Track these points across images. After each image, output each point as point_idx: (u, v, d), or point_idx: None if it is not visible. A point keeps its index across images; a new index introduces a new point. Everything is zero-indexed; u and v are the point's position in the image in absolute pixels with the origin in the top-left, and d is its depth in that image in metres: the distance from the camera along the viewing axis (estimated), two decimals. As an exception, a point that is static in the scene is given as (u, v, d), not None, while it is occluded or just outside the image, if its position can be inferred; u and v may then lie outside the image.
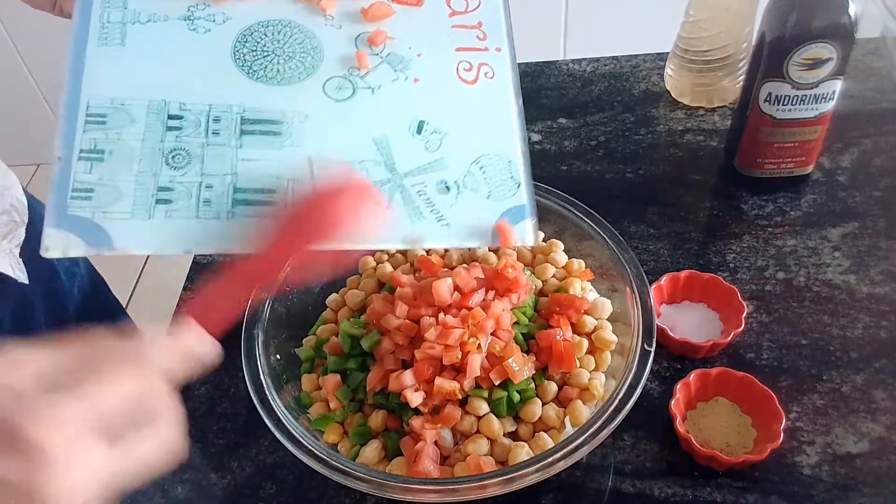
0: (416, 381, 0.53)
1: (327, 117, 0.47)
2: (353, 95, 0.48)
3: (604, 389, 0.55)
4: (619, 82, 0.92)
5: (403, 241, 0.46)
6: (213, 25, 0.49)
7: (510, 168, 0.48)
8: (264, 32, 0.49)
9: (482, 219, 0.47)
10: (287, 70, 0.48)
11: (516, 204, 0.48)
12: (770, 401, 0.57)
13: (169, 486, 0.59)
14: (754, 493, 0.55)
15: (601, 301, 0.59)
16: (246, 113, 0.46)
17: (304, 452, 0.50)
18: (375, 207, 0.45)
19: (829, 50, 0.64)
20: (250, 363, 0.55)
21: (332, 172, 0.46)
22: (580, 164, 0.82)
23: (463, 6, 0.53)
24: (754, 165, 0.75)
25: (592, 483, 0.57)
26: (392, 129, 0.48)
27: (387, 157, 0.47)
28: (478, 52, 0.51)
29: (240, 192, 0.44)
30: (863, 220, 0.73)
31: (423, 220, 0.46)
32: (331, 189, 0.45)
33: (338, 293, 0.65)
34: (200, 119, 0.46)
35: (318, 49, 0.49)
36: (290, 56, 0.49)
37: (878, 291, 0.67)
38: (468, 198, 0.47)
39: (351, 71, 0.49)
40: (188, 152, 0.45)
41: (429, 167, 0.47)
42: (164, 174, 0.44)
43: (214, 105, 0.46)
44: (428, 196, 0.46)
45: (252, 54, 0.48)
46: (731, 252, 0.71)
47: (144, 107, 0.45)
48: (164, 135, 0.45)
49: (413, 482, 0.48)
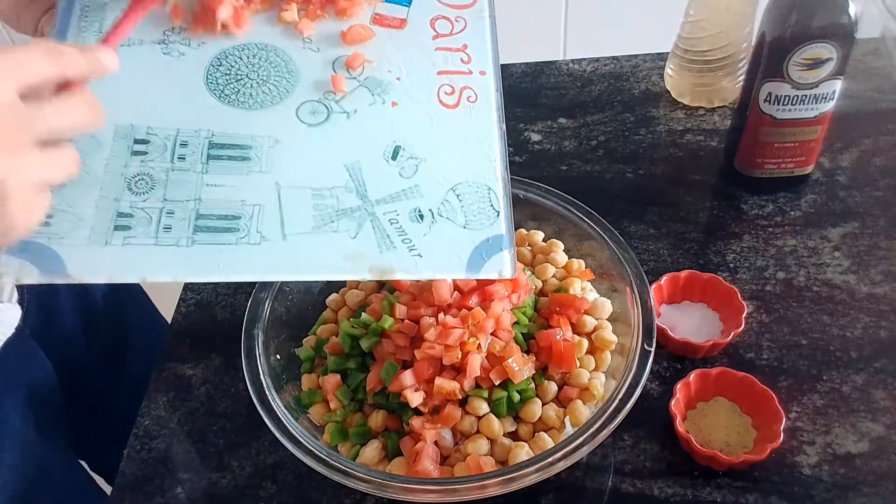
0: (415, 382, 0.53)
1: (299, 142, 0.46)
2: (327, 120, 0.47)
3: (604, 389, 0.55)
4: (619, 82, 0.92)
5: (371, 272, 0.44)
6: (188, 49, 0.48)
7: (489, 196, 0.47)
8: (239, 56, 0.48)
9: (457, 250, 0.45)
10: (260, 94, 0.47)
11: (494, 234, 0.46)
12: (770, 401, 0.57)
13: (169, 486, 0.59)
14: (754, 493, 0.55)
15: (601, 301, 0.59)
16: (214, 137, 0.46)
17: (304, 452, 0.50)
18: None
19: (829, 50, 0.64)
20: (250, 363, 0.55)
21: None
22: (580, 164, 0.82)
23: (448, 28, 0.51)
24: (754, 165, 0.75)
25: (592, 483, 0.57)
26: (366, 154, 0.47)
27: (358, 183, 0.46)
28: (461, 76, 0.50)
29: (202, 219, 0.44)
30: (863, 220, 0.73)
31: (394, 251, 0.44)
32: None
33: (338, 293, 0.65)
34: (167, 143, 0.45)
35: (294, 73, 0.48)
36: (265, 80, 0.48)
37: (878, 291, 0.67)
38: (443, 227, 0.46)
39: (326, 95, 0.48)
40: (152, 178, 0.44)
41: (402, 194, 0.46)
42: (125, 200, 0.43)
43: (182, 129, 0.46)
44: (400, 225, 0.45)
45: (225, 78, 0.47)
46: (731, 252, 0.71)
47: (111, 131, 0.45)
48: (129, 160, 0.44)
49: (413, 482, 0.49)
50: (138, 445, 0.61)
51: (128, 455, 0.61)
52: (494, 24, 0.52)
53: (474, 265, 0.45)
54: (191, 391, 0.65)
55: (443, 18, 0.51)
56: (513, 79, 0.94)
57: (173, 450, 0.61)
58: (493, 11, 0.52)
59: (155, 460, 0.60)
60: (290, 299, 0.62)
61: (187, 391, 0.65)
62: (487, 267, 0.45)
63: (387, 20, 0.51)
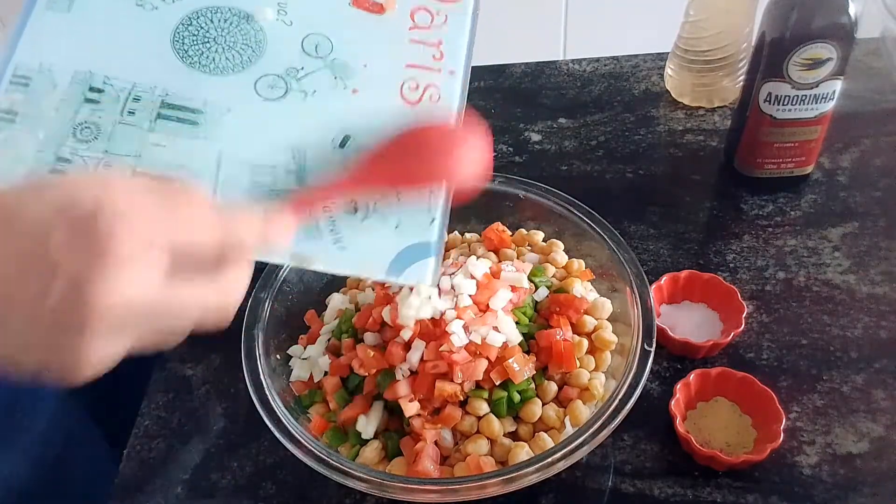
0: (411, 392, 0.52)
1: (250, 115, 0.46)
2: (284, 97, 0.46)
3: (604, 389, 0.55)
4: (619, 82, 0.92)
5: (291, 259, 0.43)
6: (162, 4, 0.47)
7: (429, 200, 0.45)
8: (211, 18, 0.47)
9: (382, 250, 0.44)
10: (223, 60, 0.46)
11: (422, 240, 0.45)
12: (770, 401, 0.57)
13: (169, 486, 0.59)
14: (754, 493, 0.55)
15: (601, 301, 0.59)
16: (168, 97, 0.45)
17: (304, 452, 0.50)
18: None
19: (829, 50, 0.64)
20: (250, 363, 0.55)
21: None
22: (580, 164, 0.82)
23: (427, 20, 0.50)
24: (754, 165, 0.75)
25: (592, 483, 0.57)
26: (314, 138, 0.46)
27: (300, 167, 0.45)
28: (428, 72, 0.48)
29: (138, 176, 0.42)
30: (863, 220, 0.73)
31: (319, 240, 0.43)
32: (446, 131, 0.43)
33: (338, 292, 0.65)
34: (121, 96, 0.44)
35: (262, 43, 0.47)
36: (231, 46, 0.47)
37: (878, 291, 0.67)
38: (375, 224, 0.44)
39: (289, 71, 0.47)
40: (98, 127, 0.43)
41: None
42: (67, 145, 0.43)
43: (138, 84, 0.45)
44: (331, 214, 0.44)
45: (192, 38, 0.46)
46: (731, 252, 0.71)
47: (69, 75, 0.44)
48: (81, 106, 0.44)
49: (413, 482, 0.48)
50: (138, 445, 0.61)
51: (128, 455, 0.61)
52: (476, 23, 0.51)
53: (395, 269, 0.44)
54: (191, 391, 0.65)
55: (424, 10, 0.50)
56: (513, 79, 0.94)
57: (173, 450, 0.61)
58: (477, 9, 0.51)
59: (155, 460, 0.60)
60: (290, 299, 0.62)
61: (187, 391, 0.65)
62: (408, 273, 0.44)
63: (367, 3, 0.49)
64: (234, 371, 0.66)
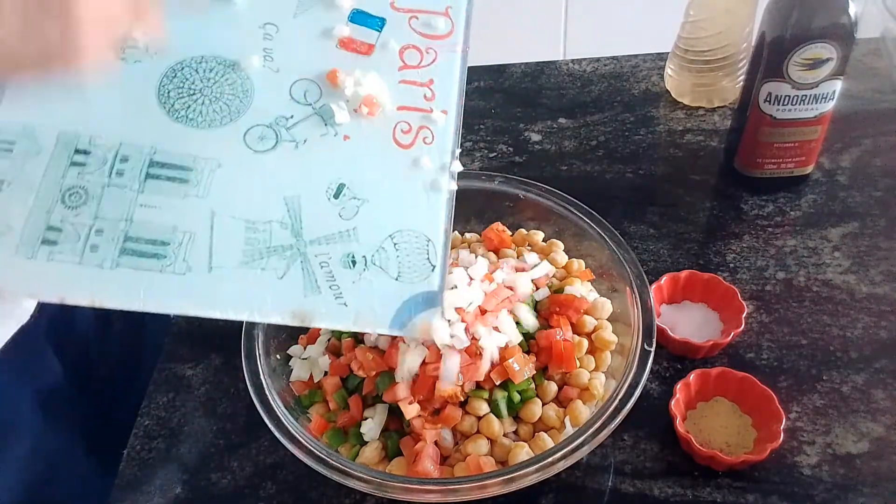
0: (410, 394, 0.52)
1: (241, 169, 0.44)
2: (275, 148, 0.45)
3: (604, 389, 0.55)
4: (619, 82, 0.92)
5: (292, 317, 0.42)
6: (145, 56, 0.45)
7: (428, 248, 0.45)
8: (195, 69, 0.46)
9: (384, 303, 0.43)
10: (210, 112, 0.45)
11: (426, 290, 0.44)
12: (770, 401, 0.57)
13: (169, 486, 0.59)
14: (754, 493, 0.55)
15: (601, 301, 0.59)
16: (156, 155, 0.43)
17: (304, 452, 0.50)
18: None
19: (829, 50, 0.64)
20: (250, 363, 0.55)
21: None
22: (580, 164, 0.82)
23: (416, 59, 0.48)
24: (754, 165, 0.75)
25: (592, 483, 0.57)
26: (308, 189, 0.44)
27: (295, 220, 0.44)
28: (420, 113, 0.47)
29: (130, 241, 0.42)
30: (863, 220, 0.73)
31: (319, 296, 0.43)
32: None
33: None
34: (108, 156, 0.43)
35: (249, 93, 0.46)
36: (217, 97, 0.45)
37: (878, 291, 0.67)
38: (374, 276, 0.44)
39: (278, 120, 0.46)
40: (87, 191, 0.42)
41: (338, 237, 0.44)
42: (56, 212, 0.42)
43: (125, 143, 0.43)
44: (330, 269, 0.43)
45: (177, 91, 0.45)
46: (731, 252, 0.71)
47: (54, 137, 0.43)
48: (68, 170, 0.42)
49: (413, 482, 0.48)
50: (138, 445, 0.61)
51: (128, 455, 0.61)
52: (466, 59, 0.49)
53: (399, 321, 0.43)
54: (191, 391, 0.65)
55: (413, 48, 0.48)
56: (513, 79, 0.94)
57: (173, 450, 0.61)
58: (466, 46, 0.50)
59: (155, 460, 0.60)
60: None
61: (187, 391, 0.65)
62: (412, 326, 0.43)
63: (355, 44, 0.48)
64: (234, 371, 0.66)
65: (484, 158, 0.84)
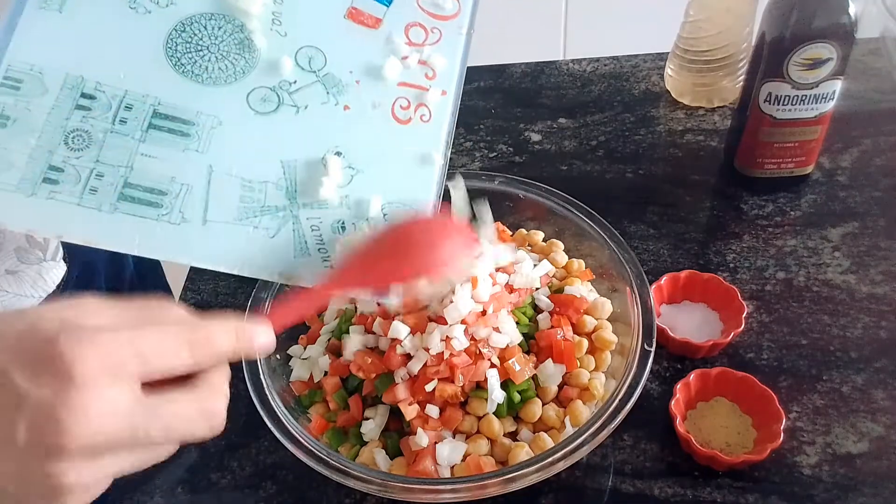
0: (409, 396, 0.52)
1: (241, 128, 0.45)
2: (276, 111, 0.46)
3: (604, 389, 0.55)
4: (619, 82, 0.92)
5: (279, 276, 0.43)
6: (155, 8, 0.46)
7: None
8: (204, 25, 0.46)
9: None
10: (216, 70, 0.46)
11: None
12: (770, 401, 0.57)
13: (169, 486, 0.59)
14: (754, 493, 0.55)
15: (601, 301, 0.59)
16: (160, 107, 0.44)
17: (304, 452, 0.50)
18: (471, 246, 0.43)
19: (829, 50, 0.64)
20: (250, 363, 0.55)
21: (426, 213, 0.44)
22: (580, 164, 0.82)
23: (421, 37, 0.49)
24: (754, 165, 0.75)
25: (592, 483, 0.57)
26: (305, 154, 0.45)
27: (290, 182, 0.45)
28: (420, 91, 0.48)
29: (129, 188, 0.43)
30: (863, 220, 0.73)
31: (307, 258, 0.44)
32: (430, 225, 0.43)
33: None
34: (112, 103, 0.44)
35: (255, 54, 0.46)
36: (223, 55, 0.46)
37: (878, 291, 0.67)
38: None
39: (281, 84, 0.46)
40: (90, 135, 0.43)
41: (330, 203, 0.45)
42: (59, 153, 0.42)
43: (130, 91, 0.44)
44: (321, 233, 0.44)
45: (185, 46, 0.45)
46: (731, 252, 0.71)
47: (61, 79, 0.43)
48: (72, 112, 0.43)
49: (413, 482, 0.48)
50: (138, 445, 0.61)
51: (128, 455, 0.61)
52: (470, 42, 0.50)
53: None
54: (191, 391, 0.65)
55: (419, 26, 0.49)
56: (513, 79, 0.94)
57: (173, 450, 0.61)
58: (472, 28, 0.50)
59: (155, 460, 0.60)
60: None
61: (187, 391, 0.65)
62: (395, 289, 0.44)
63: (362, 16, 0.49)
64: (234, 371, 0.65)
65: (484, 158, 0.84)
